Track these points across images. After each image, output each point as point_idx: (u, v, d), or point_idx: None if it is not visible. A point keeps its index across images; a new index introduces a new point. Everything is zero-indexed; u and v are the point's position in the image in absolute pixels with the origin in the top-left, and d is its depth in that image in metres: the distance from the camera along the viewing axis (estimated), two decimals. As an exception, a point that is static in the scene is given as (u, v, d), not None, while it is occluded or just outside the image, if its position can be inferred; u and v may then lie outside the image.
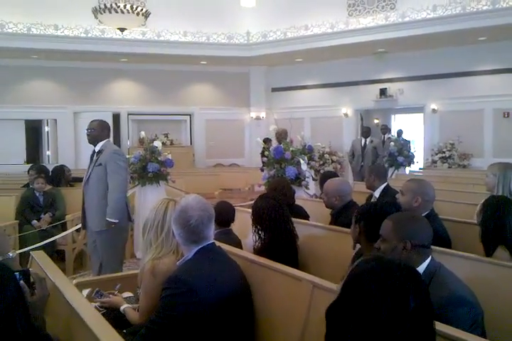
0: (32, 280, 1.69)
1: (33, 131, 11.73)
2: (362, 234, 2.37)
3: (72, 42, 9.85)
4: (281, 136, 6.09)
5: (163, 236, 2.25)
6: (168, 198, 2.50)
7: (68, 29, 9.93)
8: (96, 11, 7.54)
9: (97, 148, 4.07)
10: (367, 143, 9.16)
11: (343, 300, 1.20)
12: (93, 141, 4.09)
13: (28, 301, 1.65)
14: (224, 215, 3.31)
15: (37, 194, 5.53)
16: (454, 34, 8.87)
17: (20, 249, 4.60)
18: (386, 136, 9.85)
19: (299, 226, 3.15)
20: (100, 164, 3.94)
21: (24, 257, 3.87)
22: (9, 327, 1.26)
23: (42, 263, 2.22)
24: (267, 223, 2.89)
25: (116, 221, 3.88)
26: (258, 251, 2.81)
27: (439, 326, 1.49)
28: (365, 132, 9.31)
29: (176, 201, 2.32)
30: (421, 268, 1.92)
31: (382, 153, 8.76)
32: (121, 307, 2.27)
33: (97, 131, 4.11)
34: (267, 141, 10.46)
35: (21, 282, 1.59)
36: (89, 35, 10.03)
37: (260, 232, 2.91)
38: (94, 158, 4.05)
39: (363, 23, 9.75)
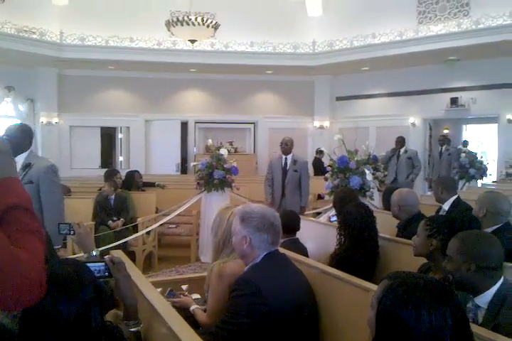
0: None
1: (108, 138, 12.43)
2: (437, 250, 2.29)
3: (146, 54, 10.39)
4: (288, 145, 6.01)
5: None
6: (228, 205, 2.61)
7: (142, 41, 10.49)
8: (169, 24, 7.90)
9: (20, 161, 3.21)
10: (401, 153, 8.13)
11: (384, 335, 1.23)
12: (14, 151, 2.98)
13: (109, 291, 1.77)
14: (290, 224, 3.37)
15: (109, 197, 5.83)
16: (533, 41, 8.41)
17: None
18: (444, 147, 9.39)
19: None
20: (31, 181, 3.20)
21: (100, 257, 4.10)
22: (84, 325, 1.33)
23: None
24: (350, 230, 2.92)
25: (60, 246, 3.43)
26: (334, 256, 2.84)
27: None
28: (399, 142, 8.21)
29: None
30: (491, 291, 1.83)
31: (418, 164, 8.09)
32: (191, 308, 2.37)
33: (20, 139, 3.24)
34: (319, 152, 10.49)
35: (100, 280, 1.68)
36: (162, 46, 10.52)
37: (342, 238, 2.95)
38: (20, 172, 3.16)
39: (434, 30, 9.48)
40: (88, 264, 1.56)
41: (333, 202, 4.11)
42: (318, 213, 6.22)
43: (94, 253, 2.12)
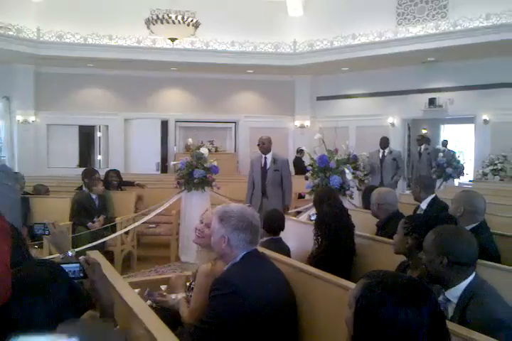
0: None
1: (86, 137, 12.25)
2: (413, 247, 2.33)
3: (125, 52, 10.28)
4: (265, 144, 5.89)
5: None
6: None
7: (122, 39, 10.37)
8: (149, 22, 7.83)
9: None
10: (385, 154, 8.00)
11: (361, 334, 1.23)
12: None
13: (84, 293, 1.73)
14: (273, 223, 3.36)
15: (93, 197, 5.73)
16: (508, 43, 8.59)
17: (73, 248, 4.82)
18: (423, 147, 9.51)
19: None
20: None
21: (76, 257, 4.05)
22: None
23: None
24: (326, 230, 2.93)
25: None
26: (312, 257, 2.84)
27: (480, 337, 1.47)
28: (383, 143, 8.09)
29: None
30: (461, 286, 1.87)
31: (402, 165, 8.08)
32: (179, 296, 2.37)
33: None
34: (300, 151, 10.55)
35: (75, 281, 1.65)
36: (141, 44, 10.43)
37: (319, 238, 2.96)
38: None
39: (413, 31, 9.62)
40: (63, 265, 1.53)
41: (314, 201, 4.12)
42: (299, 212, 6.23)
43: (69, 253, 2.08)
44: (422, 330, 1.14)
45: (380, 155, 8.04)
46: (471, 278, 1.89)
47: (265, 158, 5.90)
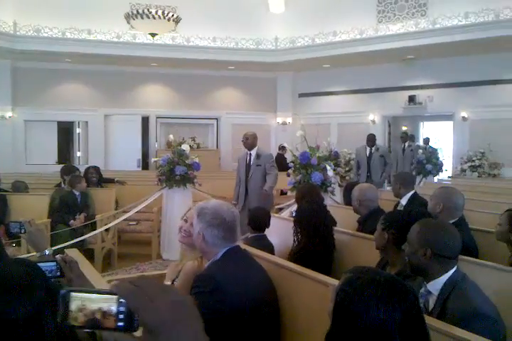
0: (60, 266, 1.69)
1: (65, 133, 12.06)
2: (390, 242, 2.36)
3: (105, 47, 10.13)
4: (249, 140, 5.85)
5: None
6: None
7: (101, 34, 10.21)
8: (128, 17, 7.72)
9: None
10: (372, 151, 7.95)
11: (338, 328, 1.24)
12: None
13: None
14: (257, 220, 3.36)
15: (76, 194, 5.64)
16: (486, 41, 8.74)
17: (51, 247, 4.74)
18: (406, 144, 9.62)
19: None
20: None
21: (54, 256, 3.98)
22: (36, 329, 1.26)
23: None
24: (305, 227, 2.94)
25: None
26: (293, 254, 2.85)
27: (461, 333, 1.50)
28: (370, 140, 8.01)
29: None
30: (442, 279, 1.89)
31: (390, 161, 8.14)
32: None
33: None
34: (282, 148, 10.57)
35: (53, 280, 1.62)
36: (121, 39, 10.29)
37: (299, 235, 2.96)
38: None
39: (393, 29, 9.71)
40: (39, 264, 1.49)
41: (296, 198, 4.15)
42: (281, 209, 6.25)
43: (47, 252, 2.03)
44: (393, 328, 1.15)
45: (368, 152, 7.97)
46: (452, 271, 1.91)
47: (250, 154, 5.89)
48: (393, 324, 1.16)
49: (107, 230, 5.54)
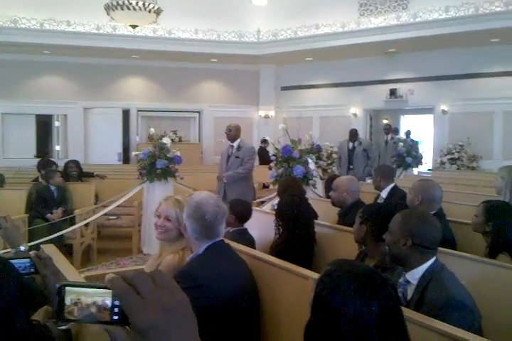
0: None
1: (44, 126, 11.83)
2: (368, 235, 2.37)
3: (84, 39, 9.94)
4: (231, 131, 5.78)
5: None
6: (173, 195, 2.56)
7: (80, 25, 10.01)
8: (108, 8, 7.57)
9: None
10: (355, 145, 7.94)
11: (316, 319, 1.24)
12: None
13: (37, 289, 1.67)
14: (238, 213, 3.35)
15: (52, 188, 5.54)
16: (466, 35, 8.83)
17: (29, 242, 4.66)
18: (389, 136, 9.68)
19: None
20: None
21: (29, 252, 3.91)
22: (8, 326, 1.23)
23: (52, 256, 2.26)
24: (287, 220, 2.94)
25: None
26: (274, 247, 2.84)
27: (439, 325, 1.51)
28: (352, 136, 8.00)
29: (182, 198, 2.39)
30: (421, 269, 1.92)
31: (372, 155, 8.20)
32: None
33: None
34: (264, 141, 10.57)
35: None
36: (101, 31, 10.10)
37: (280, 228, 2.97)
38: None
39: (375, 22, 9.73)
40: (12, 260, 1.46)
41: (278, 191, 4.15)
42: (263, 202, 6.24)
43: (22, 248, 1.99)
44: (371, 321, 1.15)
45: (350, 146, 7.98)
46: (431, 261, 1.93)
47: (232, 146, 5.86)
48: (371, 315, 1.16)
49: (86, 225, 5.47)
